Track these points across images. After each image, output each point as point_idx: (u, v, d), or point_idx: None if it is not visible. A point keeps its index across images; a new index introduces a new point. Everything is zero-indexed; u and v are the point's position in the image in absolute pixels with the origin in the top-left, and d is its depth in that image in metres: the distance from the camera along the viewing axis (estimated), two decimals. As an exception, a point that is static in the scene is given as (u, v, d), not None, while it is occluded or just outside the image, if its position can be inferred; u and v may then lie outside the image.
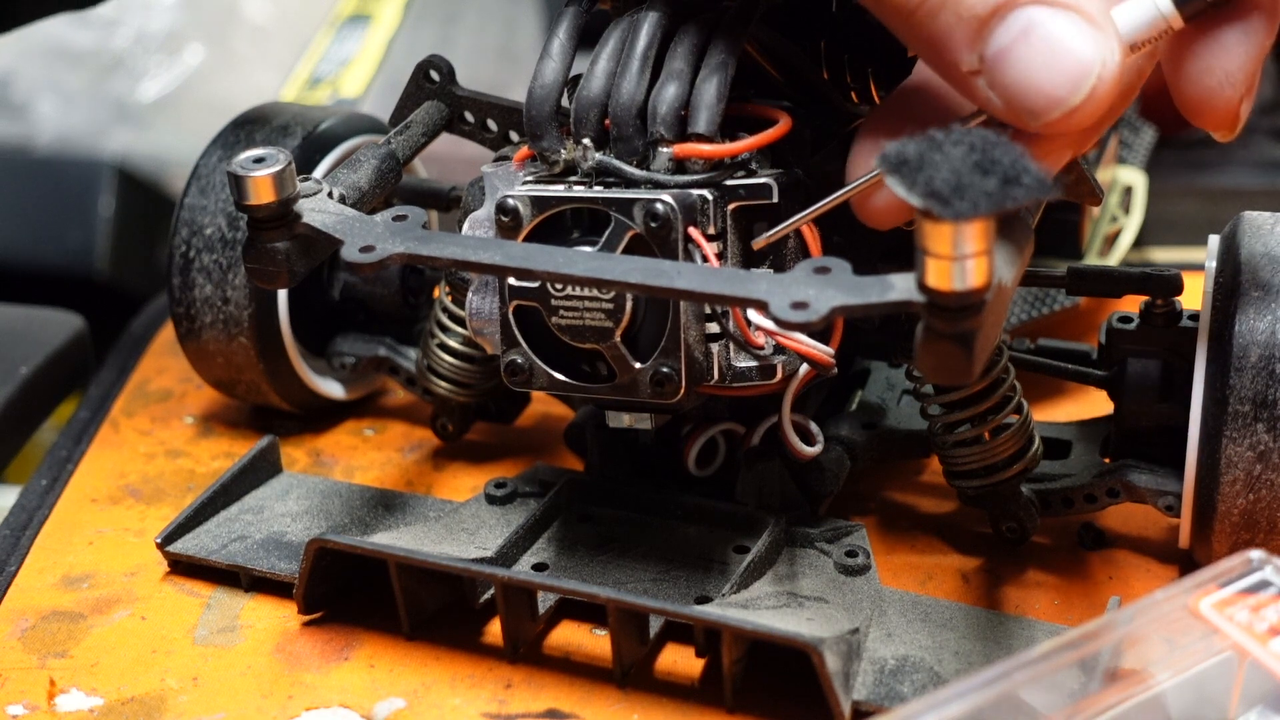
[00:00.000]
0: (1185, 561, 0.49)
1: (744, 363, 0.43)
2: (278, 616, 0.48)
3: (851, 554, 0.46)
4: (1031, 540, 0.50)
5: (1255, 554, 0.38)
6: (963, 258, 0.32)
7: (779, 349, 0.43)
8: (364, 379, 0.61)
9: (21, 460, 0.73)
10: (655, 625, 0.45)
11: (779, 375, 0.44)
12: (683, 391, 0.42)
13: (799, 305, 0.35)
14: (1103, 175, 0.67)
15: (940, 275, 0.33)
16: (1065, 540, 0.51)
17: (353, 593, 0.47)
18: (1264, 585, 0.38)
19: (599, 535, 0.48)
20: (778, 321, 0.35)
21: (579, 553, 0.47)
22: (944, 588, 0.48)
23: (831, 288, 0.36)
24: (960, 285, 0.33)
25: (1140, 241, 0.73)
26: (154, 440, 0.59)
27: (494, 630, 0.46)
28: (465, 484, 0.56)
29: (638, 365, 0.43)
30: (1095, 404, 0.56)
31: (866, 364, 0.55)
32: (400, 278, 0.58)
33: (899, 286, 0.35)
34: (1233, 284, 0.44)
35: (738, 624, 0.40)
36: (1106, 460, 0.51)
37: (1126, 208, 0.69)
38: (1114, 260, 0.65)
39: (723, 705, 0.43)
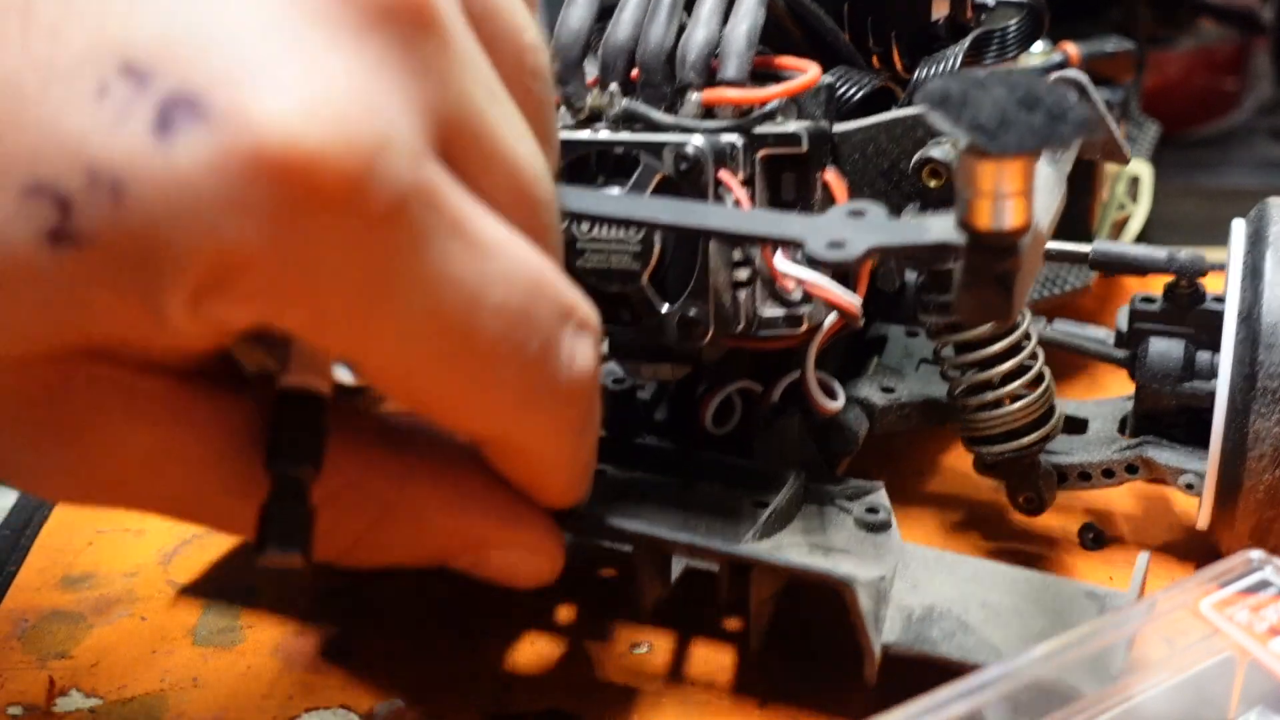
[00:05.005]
0: (1185, 563, 0.49)
1: (771, 311, 0.43)
2: (278, 617, 0.48)
3: (873, 510, 0.46)
4: (1031, 541, 0.50)
5: (1255, 554, 0.38)
6: (1005, 196, 0.32)
7: (805, 299, 0.43)
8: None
9: (22, 460, 0.73)
10: (678, 568, 0.44)
11: (805, 325, 0.43)
12: (710, 334, 0.42)
13: (835, 244, 0.35)
14: (1110, 167, 0.67)
15: (982, 214, 0.33)
16: (1065, 540, 0.51)
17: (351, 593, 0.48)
18: (1264, 585, 0.38)
19: (612, 492, 0.47)
20: (813, 261, 0.35)
21: (592, 510, 0.47)
22: (944, 588, 0.48)
23: (867, 228, 0.36)
24: (1002, 224, 0.33)
25: (1142, 239, 0.73)
26: (154, 440, 0.59)
27: (494, 630, 0.46)
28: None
29: (665, 308, 0.43)
30: (1108, 391, 0.56)
31: (884, 331, 0.55)
32: None
33: (936, 228, 0.35)
34: (1260, 264, 0.45)
35: (768, 559, 0.40)
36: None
37: (1134, 196, 0.69)
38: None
39: (722, 705, 0.43)
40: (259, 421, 0.33)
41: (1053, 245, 0.49)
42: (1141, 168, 0.71)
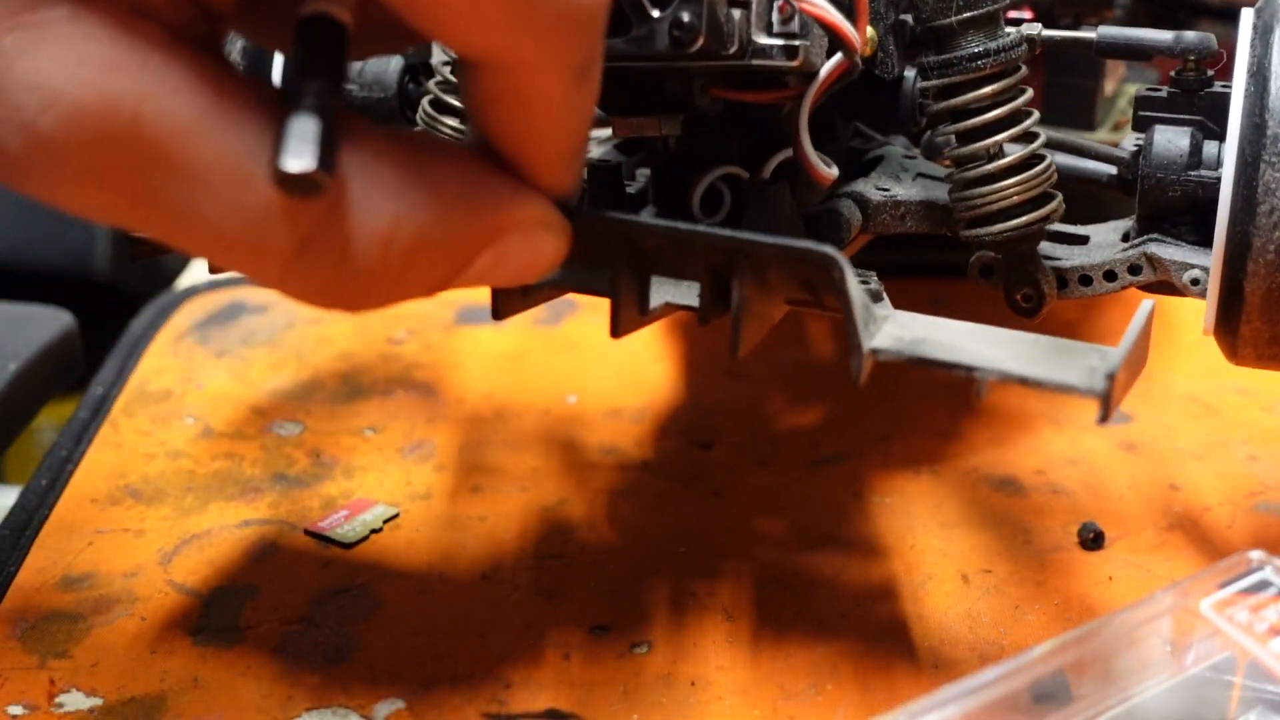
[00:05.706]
0: (1185, 563, 0.49)
1: (766, 40, 0.42)
2: (278, 616, 0.48)
3: (865, 281, 0.44)
4: (1031, 541, 0.50)
5: (1255, 554, 0.38)
6: None
7: (803, 34, 0.42)
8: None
9: (21, 460, 0.73)
10: (656, 301, 0.42)
11: (801, 59, 0.42)
12: (702, 39, 0.41)
13: None
14: (1110, 88, 0.69)
15: None
16: (1065, 540, 0.51)
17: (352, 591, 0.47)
18: (1264, 585, 0.38)
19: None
20: None
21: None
22: (942, 589, 0.48)
23: None
24: None
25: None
26: (154, 440, 0.59)
27: (493, 630, 0.46)
28: (465, 484, 0.56)
29: (656, 13, 0.41)
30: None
31: (880, 153, 0.53)
32: (399, 84, 0.56)
33: None
34: (1271, 23, 0.45)
35: (751, 238, 0.38)
36: None
37: None
38: (1122, 136, 0.67)
39: (721, 705, 0.43)
40: (260, 94, 0.32)
41: (1058, 33, 0.48)
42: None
